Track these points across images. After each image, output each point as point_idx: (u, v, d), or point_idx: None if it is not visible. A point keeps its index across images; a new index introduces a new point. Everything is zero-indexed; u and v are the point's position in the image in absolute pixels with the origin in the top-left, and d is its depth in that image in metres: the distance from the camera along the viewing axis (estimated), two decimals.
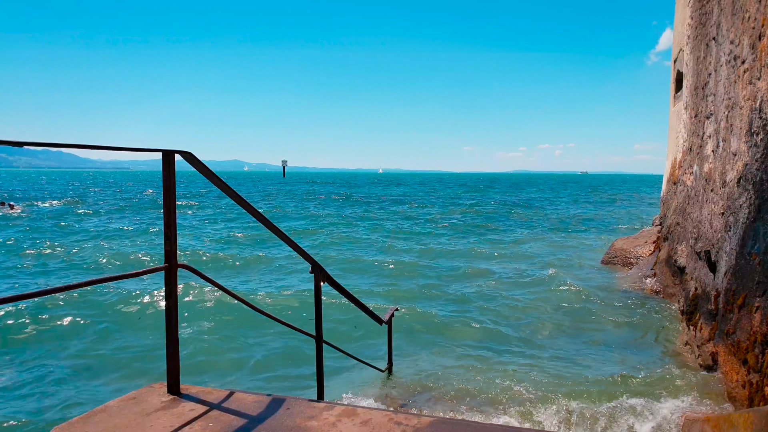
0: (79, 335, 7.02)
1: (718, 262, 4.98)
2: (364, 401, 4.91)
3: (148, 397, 2.34)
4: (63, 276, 11.34)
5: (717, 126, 5.29)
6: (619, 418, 4.44)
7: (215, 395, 2.39)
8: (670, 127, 9.34)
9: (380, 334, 6.80)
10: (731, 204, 4.55)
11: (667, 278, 8.00)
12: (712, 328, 4.94)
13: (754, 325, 3.75)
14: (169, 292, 2.28)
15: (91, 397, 5.24)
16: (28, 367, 5.98)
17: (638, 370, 5.67)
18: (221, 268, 12.32)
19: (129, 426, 2.04)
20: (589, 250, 15.09)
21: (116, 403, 2.27)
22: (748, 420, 2.68)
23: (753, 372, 3.73)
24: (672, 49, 9.10)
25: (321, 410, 2.25)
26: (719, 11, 5.29)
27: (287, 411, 2.23)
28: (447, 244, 16.87)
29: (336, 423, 2.12)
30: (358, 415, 2.20)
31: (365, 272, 12.06)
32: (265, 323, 7.42)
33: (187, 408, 2.23)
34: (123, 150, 2.02)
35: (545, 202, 41.51)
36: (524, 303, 8.91)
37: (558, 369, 5.83)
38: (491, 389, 5.27)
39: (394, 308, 5.48)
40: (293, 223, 23.96)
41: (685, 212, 6.93)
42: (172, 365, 2.34)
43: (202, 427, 2.05)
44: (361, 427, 2.09)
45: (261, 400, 2.34)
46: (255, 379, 5.84)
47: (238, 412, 2.20)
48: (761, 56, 3.91)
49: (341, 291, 3.83)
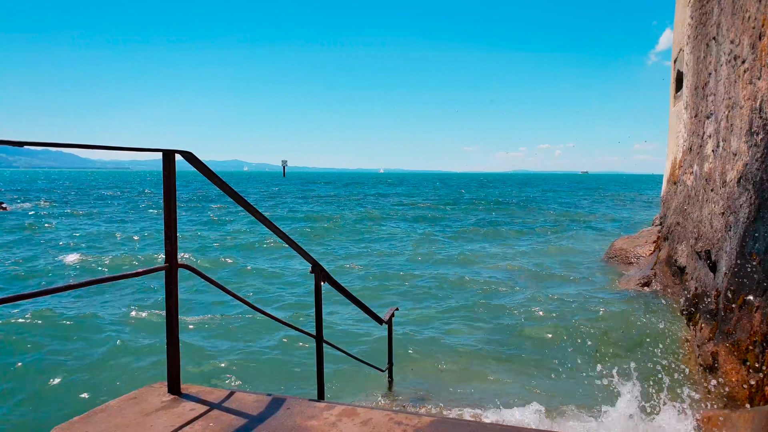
0: (79, 335, 7.01)
1: (718, 261, 4.98)
2: (364, 401, 4.91)
3: (149, 396, 2.34)
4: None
5: (717, 126, 5.29)
6: (620, 418, 4.44)
7: (216, 395, 2.39)
8: (670, 127, 9.34)
9: (380, 334, 6.81)
10: (731, 204, 4.55)
11: (667, 278, 8.00)
12: (712, 328, 4.94)
13: (755, 325, 3.75)
14: (170, 292, 2.28)
15: (91, 396, 5.24)
16: (28, 367, 5.98)
17: (638, 370, 5.67)
18: (221, 268, 12.32)
19: (129, 426, 2.04)
20: (589, 250, 15.10)
21: (116, 402, 2.27)
22: (748, 420, 2.68)
23: (753, 372, 3.73)
24: (672, 49, 9.10)
25: (321, 410, 2.25)
26: (719, 11, 5.29)
27: (287, 411, 2.23)
28: (446, 243, 16.88)
29: (336, 423, 2.12)
30: (358, 415, 2.20)
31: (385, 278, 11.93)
32: (266, 323, 7.42)
33: (187, 408, 2.23)
34: (123, 150, 2.02)
35: (545, 202, 41.50)
36: (524, 303, 8.91)
37: (557, 369, 5.84)
38: (491, 389, 5.27)
39: (394, 308, 5.48)
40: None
41: (686, 212, 6.93)
42: (173, 365, 2.34)
43: (203, 427, 2.05)
44: (361, 426, 2.09)
45: (261, 400, 2.34)
46: (255, 378, 5.84)
47: (239, 412, 2.20)
48: (761, 56, 3.91)
49: (341, 291, 3.83)
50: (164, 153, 2.14)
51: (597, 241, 17.11)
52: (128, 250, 15.17)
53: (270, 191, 58.97)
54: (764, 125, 3.82)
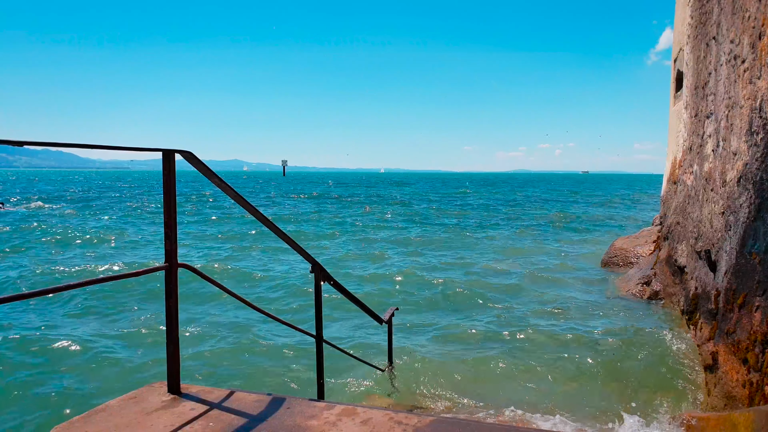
0: (79, 335, 7.02)
1: (718, 261, 4.98)
2: (364, 400, 4.91)
3: (149, 396, 2.34)
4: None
5: (717, 125, 5.29)
6: (619, 418, 4.44)
7: (215, 394, 2.39)
8: (670, 126, 9.34)
9: (380, 334, 6.81)
10: (731, 203, 4.55)
11: (667, 278, 8.00)
12: (712, 328, 4.94)
13: (755, 325, 3.75)
14: (169, 292, 2.28)
15: (91, 396, 5.24)
16: (28, 367, 5.98)
17: (638, 370, 5.67)
18: (221, 267, 12.31)
19: (129, 425, 2.04)
20: (589, 250, 15.10)
21: (116, 402, 2.27)
22: (748, 419, 2.68)
23: (753, 371, 3.72)
24: (672, 48, 9.10)
25: (321, 409, 2.25)
26: (719, 10, 5.29)
27: (287, 410, 2.23)
28: (447, 242, 16.88)
29: (336, 422, 2.12)
30: (358, 415, 2.20)
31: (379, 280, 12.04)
32: (265, 322, 7.42)
33: (187, 407, 2.23)
34: (123, 150, 2.02)
35: (545, 202, 41.50)
36: (524, 303, 8.91)
37: (557, 370, 5.83)
38: (491, 389, 5.28)
39: (394, 308, 5.49)
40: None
41: (685, 212, 6.93)
42: (173, 364, 2.34)
43: (203, 427, 2.05)
44: (361, 426, 2.09)
45: (261, 400, 2.34)
46: (255, 378, 5.84)
47: (239, 412, 2.20)
48: (761, 55, 3.91)
49: (341, 290, 3.83)
50: (164, 153, 2.14)
51: (597, 241, 17.12)
52: (128, 250, 15.17)
53: (269, 191, 58.87)
54: (764, 125, 3.82)
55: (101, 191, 53.88)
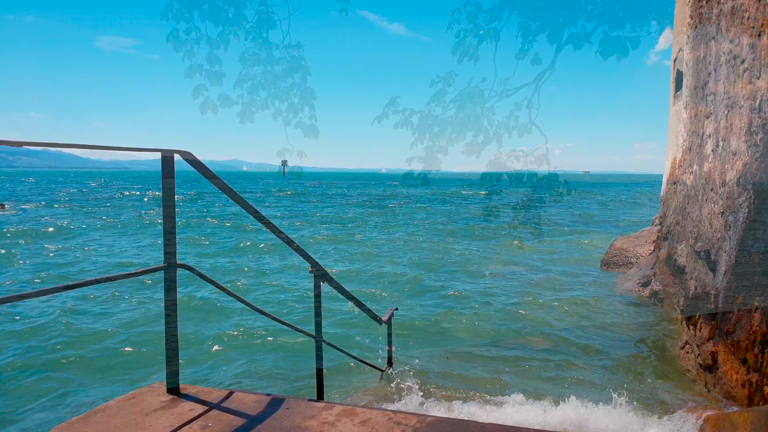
0: (78, 335, 7.02)
1: (717, 261, 4.98)
2: (363, 401, 4.91)
3: (148, 397, 2.34)
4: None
5: (717, 125, 5.29)
6: (620, 418, 4.44)
7: (215, 395, 2.39)
8: (670, 126, 9.34)
9: (380, 334, 6.81)
10: (731, 203, 4.55)
11: (667, 278, 8.00)
12: (712, 328, 4.94)
13: (754, 325, 3.75)
14: (168, 292, 2.28)
15: (91, 397, 5.24)
16: (28, 367, 5.98)
17: (637, 370, 5.67)
18: (220, 267, 12.32)
19: (128, 426, 2.04)
20: (589, 250, 15.10)
21: (116, 403, 2.27)
22: (748, 419, 2.68)
23: (752, 371, 3.73)
24: (672, 48, 9.10)
25: (320, 410, 2.25)
26: (719, 11, 5.29)
27: (287, 411, 2.23)
28: (445, 242, 16.88)
29: (335, 422, 2.12)
30: (357, 415, 2.20)
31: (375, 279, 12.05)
32: (265, 322, 7.42)
33: (186, 408, 2.23)
34: (123, 150, 2.02)
35: (545, 202, 41.44)
36: (523, 303, 8.91)
37: (556, 370, 5.83)
38: (490, 389, 5.27)
39: (394, 308, 5.49)
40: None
41: (685, 212, 6.93)
42: (171, 365, 2.34)
43: (202, 427, 2.05)
44: (360, 426, 2.09)
45: (260, 400, 2.34)
46: (254, 378, 5.84)
47: (238, 412, 2.20)
48: (761, 55, 3.91)
49: (341, 291, 3.83)
50: (163, 153, 2.14)
51: (597, 241, 17.11)
52: (127, 250, 15.16)
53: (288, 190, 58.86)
54: (764, 125, 3.82)
55: (101, 191, 53.88)
